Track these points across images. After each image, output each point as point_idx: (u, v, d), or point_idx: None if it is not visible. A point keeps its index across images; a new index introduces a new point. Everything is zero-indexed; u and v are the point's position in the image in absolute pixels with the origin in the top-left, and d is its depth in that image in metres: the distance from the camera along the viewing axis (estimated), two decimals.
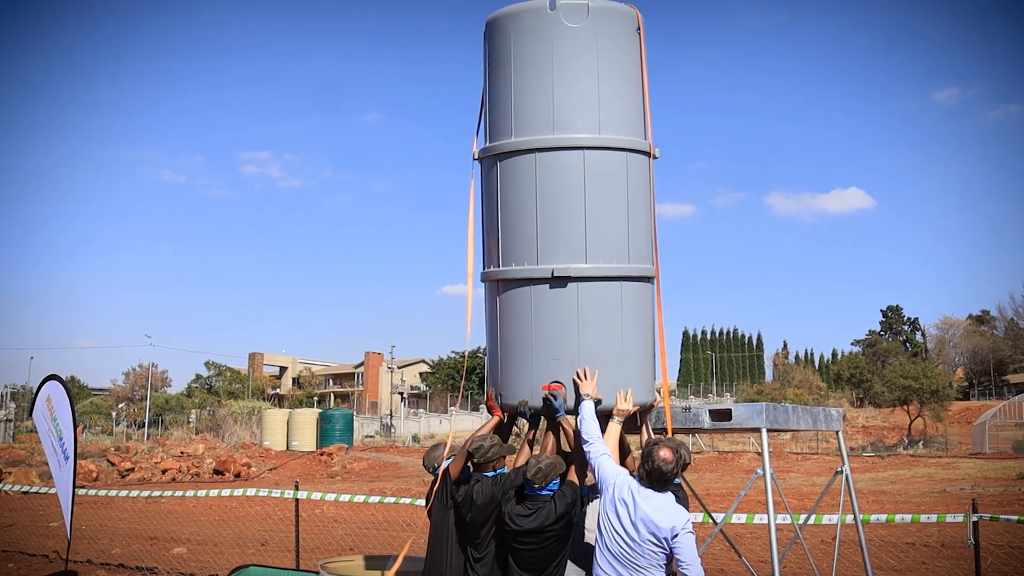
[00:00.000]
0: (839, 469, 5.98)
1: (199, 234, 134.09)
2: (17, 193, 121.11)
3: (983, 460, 31.88)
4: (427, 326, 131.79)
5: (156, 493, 12.07)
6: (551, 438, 4.91)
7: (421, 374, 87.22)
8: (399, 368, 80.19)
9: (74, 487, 9.49)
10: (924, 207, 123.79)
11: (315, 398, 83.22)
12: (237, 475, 28.55)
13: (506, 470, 4.68)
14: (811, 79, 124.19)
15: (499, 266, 5.12)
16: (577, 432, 4.70)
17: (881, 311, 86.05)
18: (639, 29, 5.21)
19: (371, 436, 58.21)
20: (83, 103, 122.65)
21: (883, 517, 8.19)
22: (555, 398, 4.75)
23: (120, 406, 72.54)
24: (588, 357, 4.86)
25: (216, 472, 29.05)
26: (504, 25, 5.19)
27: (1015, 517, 7.10)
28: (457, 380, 74.98)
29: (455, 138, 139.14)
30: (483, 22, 5.40)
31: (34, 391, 9.71)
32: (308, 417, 44.06)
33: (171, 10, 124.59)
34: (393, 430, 62.00)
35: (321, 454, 35.60)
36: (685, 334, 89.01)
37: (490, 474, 4.71)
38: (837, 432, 5.91)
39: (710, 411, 5.15)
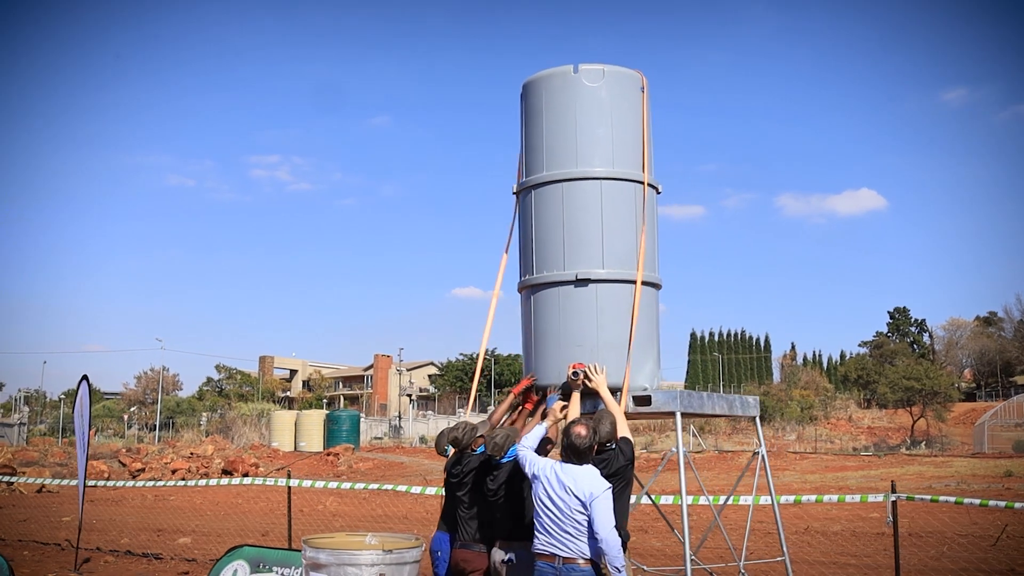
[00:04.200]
0: (756, 451, 6.59)
1: (208, 238, 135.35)
2: (27, 199, 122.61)
3: (978, 459, 32.24)
4: (436, 329, 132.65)
5: (161, 483, 12.82)
6: (572, 405, 5.74)
7: (430, 376, 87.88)
8: (408, 370, 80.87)
9: (84, 478, 10.29)
10: (931, 208, 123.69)
11: (325, 400, 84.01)
12: (245, 475, 29.30)
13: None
14: (820, 80, 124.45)
15: (533, 274, 6.23)
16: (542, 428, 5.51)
17: (888, 313, 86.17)
18: (643, 89, 6.32)
19: (379, 438, 58.96)
20: (90, 108, 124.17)
21: (812, 497, 8.81)
22: (576, 376, 5.69)
23: (132, 409, 73.48)
24: (605, 344, 5.88)
25: (225, 472, 29.83)
26: (538, 86, 6.36)
27: (928, 497, 7.70)
28: (466, 382, 75.56)
29: (463, 141, 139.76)
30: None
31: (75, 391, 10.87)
32: (315, 418, 44.73)
33: (178, 12, 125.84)
34: (402, 432, 62.74)
35: (328, 454, 36.30)
36: (693, 336, 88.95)
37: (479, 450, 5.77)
38: (754, 418, 6.55)
39: (633, 397, 5.83)
